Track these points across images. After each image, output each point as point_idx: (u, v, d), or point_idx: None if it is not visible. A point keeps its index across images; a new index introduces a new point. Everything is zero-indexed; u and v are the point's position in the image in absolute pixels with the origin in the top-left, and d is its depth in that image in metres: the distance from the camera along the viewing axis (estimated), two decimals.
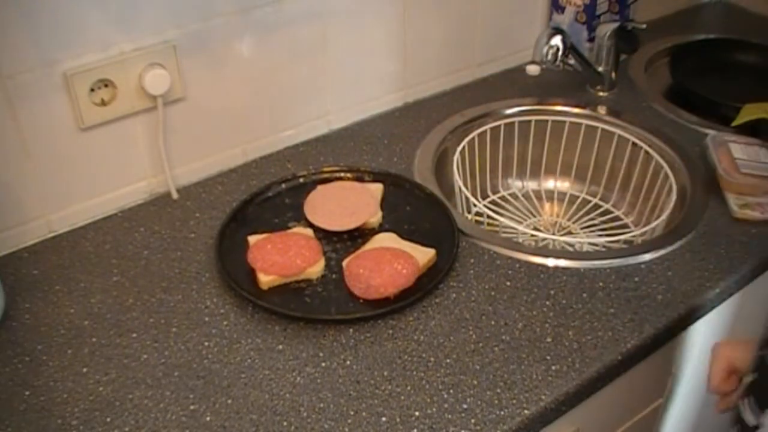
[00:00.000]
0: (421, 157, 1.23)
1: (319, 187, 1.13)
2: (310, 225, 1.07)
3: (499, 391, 0.85)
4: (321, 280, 1.00)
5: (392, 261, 0.98)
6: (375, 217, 1.07)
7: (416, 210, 1.10)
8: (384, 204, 1.11)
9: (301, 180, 1.16)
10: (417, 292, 0.96)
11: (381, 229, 1.07)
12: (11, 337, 0.93)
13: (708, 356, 0.94)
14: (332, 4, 1.19)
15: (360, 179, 1.15)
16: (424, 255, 1.00)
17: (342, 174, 1.16)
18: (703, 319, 1.03)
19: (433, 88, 1.40)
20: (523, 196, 1.37)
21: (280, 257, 0.99)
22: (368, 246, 1.02)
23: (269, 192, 1.14)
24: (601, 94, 1.40)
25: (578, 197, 1.36)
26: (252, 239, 1.04)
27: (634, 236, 1.17)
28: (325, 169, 1.18)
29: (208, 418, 0.83)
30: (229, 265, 1.01)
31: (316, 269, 1.00)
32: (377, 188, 1.13)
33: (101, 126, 1.06)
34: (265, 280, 0.98)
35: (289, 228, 1.07)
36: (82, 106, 1.03)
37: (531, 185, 1.39)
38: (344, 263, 1.00)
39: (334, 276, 1.00)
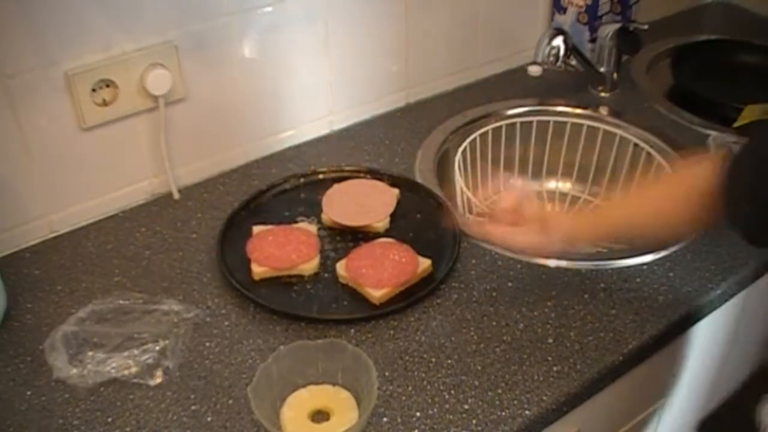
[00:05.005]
0: (423, 158, 1.23)
1: (342, 184, 1.13)
2: (319, 222, 1.08)
3: (500, 391, 0.85)
4: (313, 278, 1.00)
5: (387, 253, 0.99)
6: (382, 222, 1.07)
7: (426, 219, 1.10)
8: (396, 209, 1.10)
9: (320, 176, 1.17)
10: (418, 293, 0.96)
11: (386, 234, 1.06)
12: (13, 337, 0.93)
13: None
14: (334, 3, 1.19)
15: (378, 180, 1.15)
16: (419, 263, 1.00)
17: (361, 174, 1.17)
18: (705, 320, 1.03)
19: (435, 89, 1.40)
20: None
21: (277, 250, 1.00)
22: (358, 249, 1.02)
23: (287, 184, 1.15)
24: (602, 94, 1.40)
25: (580, 198, 1.36)
26: (256, 229, 1.04)
27: None
28: (345, 168, 1.18)
29: (209, 419, 0.83)
30: (228, 252, 1.02)
31: (309, 266, 1.00)
32: (394, 192, 1.13)
33: (103, 126, 1.06)
34: (258, 271, 0.98)
35: (297, 223, 1.07)
36: (84, 106, 1.03)
37: (533, 186, 1.39)
38: (338, 266, 1.00)
39: (326, 275, 1.00)
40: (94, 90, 1.03)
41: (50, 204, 1.07)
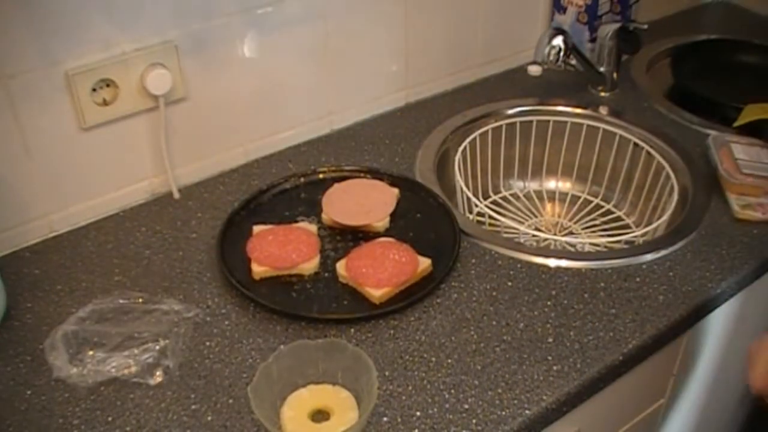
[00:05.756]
0: (423, 157, 1.23)
1: (342, 183, 1.13)
2: (319, 222, 1.08)
3: (500, 391, 0.85)
4: (313, 277, 1.00)
5: (387, 253, 0.99)
6: (382, 222, 1.07)
7: (426, 218, 1.10)
8: (396, 208, 1.10)
9: (320, 176, 1.17)
10: (418, 292, 0.96)
11: (386, 233, 1.06)
12: (13, 336, 0.93)
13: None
14: (334, 4, 1.19)
15: (378, 180, 1.15)
16: (419, 263, 1.00)
17: (361, 174, 1.17)
18: (705, 319, 1.03)
19: (435, 88, 1.40)
20: (524, 196, 1.37)
21: (277, 249, 1.00)
22: (358, 249, 1.02)
23: (287, 184, 1.15)
24: (602, 94, 1.40)
25: (580, 197, 1.36)
26: (257, 229, 1.04)
27: (635, 237, 1.17)
28: (345, 167, 1.18)
29: (209, 418, 0.83)
30: (228, 251, 1.02)
31: (309, 266, 1.00)
32: (394, 192, 1.13)
33: (103, 126, 1.06)
34: (258, 270, 0.98)
35: (297, 222, 1.07)
36: (84, 106, 1.03)
37: (532, 185, 1.39)
38: (338, 266, 1.00)
39: (326, 274, 1.00)
40: (94, 90, 1.03)
41: (50, 203, 1.07)
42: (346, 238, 1.06)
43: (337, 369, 0.84)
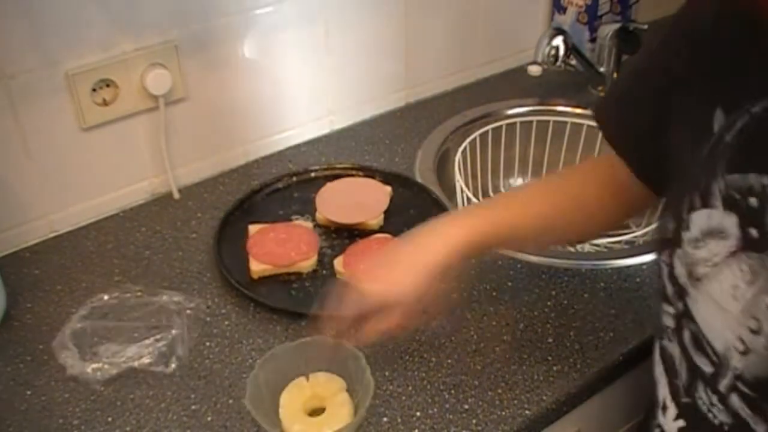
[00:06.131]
0: (423, 158, 1.23)
1: (334, 182, 1.14)
2: (314, 220, 1.08)
3: (500, 391, 0.85)
4: (311, 275, 1.00)
5: (383, 249, 0.99)
6: (376, 219, 1.07)
7: (420, 214, 1.09)
8: (390, 205, 1.10)
9: (312, 175, 1.17)
10: None
11: (381, 231, 1.06)
12: (13, 336, 0.93)
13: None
14: (334, 4, 1.19)
15: (370, 178, 1.16)
16: None
17: (353, 172, 1.17)
18: None
19: (435, 89, 1.40)
20: None
21: (277, 247, 1.00)
22: (354, 245, 1.02)
23: (279, 183, 1.15)
24: (602, 94, 1.40)
25: None
26: (253, 228, 1.05)
27: (635, 237, 1.17)
28: (337, 166, 1.18)
29: (209, 418, 0.83)
30: (226, 251, 1.02)
31: (308, 264, 1.00)
32: (387, 189, 1.13)
33: (103, 126, 1.06)
34: (257, 269, 0.99)
35: (291, 221, 1.08)
36: (84, 106, 1.03)
37: None
38: (336, 263, 1.00)
39: (324, 272, 1.00)
40: (94, 90, 1.03)
41: (50, 204, 1.07)
42: (342, 235, 1.06)
43: (324, 364, 0.83)
